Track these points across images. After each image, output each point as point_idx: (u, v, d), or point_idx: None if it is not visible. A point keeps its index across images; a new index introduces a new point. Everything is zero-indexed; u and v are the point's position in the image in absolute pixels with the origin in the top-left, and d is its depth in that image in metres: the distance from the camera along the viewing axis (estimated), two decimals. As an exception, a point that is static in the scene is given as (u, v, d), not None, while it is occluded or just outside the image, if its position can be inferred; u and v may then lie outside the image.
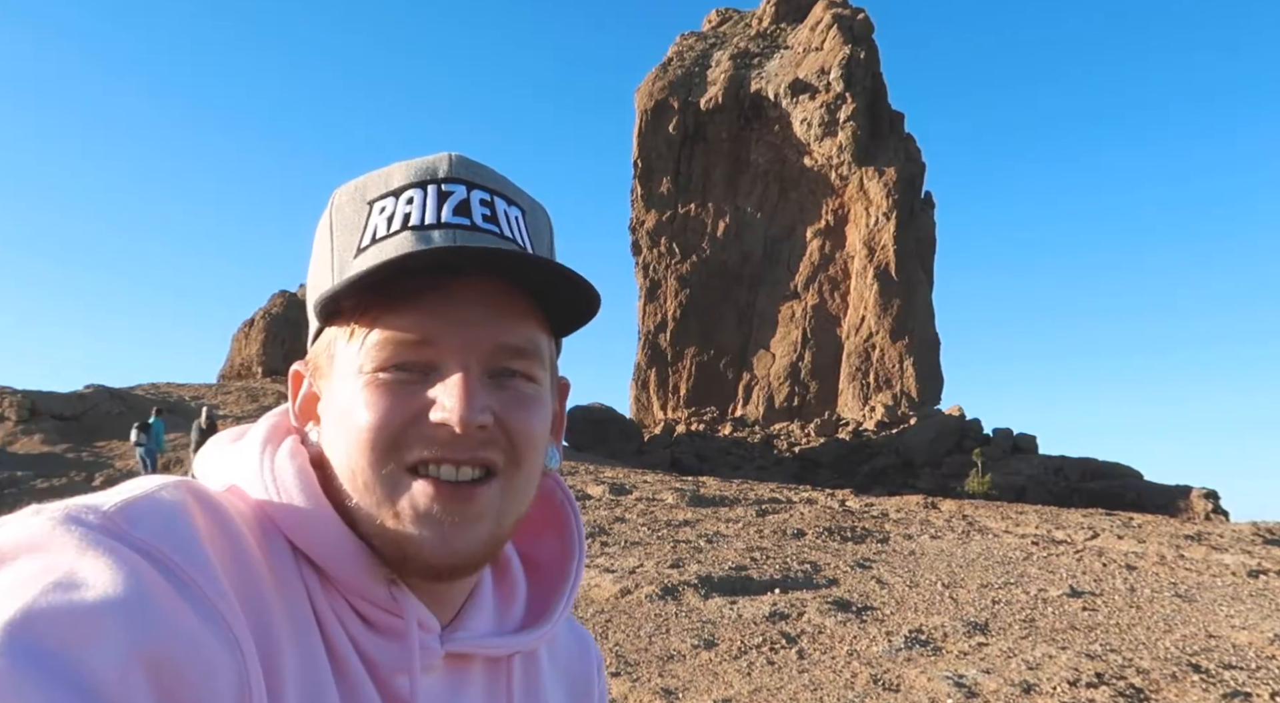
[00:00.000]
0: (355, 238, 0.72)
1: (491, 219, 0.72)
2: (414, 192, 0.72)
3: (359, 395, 0.68)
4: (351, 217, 0.73)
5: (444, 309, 0.69)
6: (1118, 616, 7.26)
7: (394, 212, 0.71)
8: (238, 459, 0.74)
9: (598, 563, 8.93)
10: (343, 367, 0.71)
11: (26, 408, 22.43)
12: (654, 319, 46.91)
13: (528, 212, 0.77)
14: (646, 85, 48.13)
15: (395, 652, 0.70)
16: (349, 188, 0.75)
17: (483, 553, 0.70)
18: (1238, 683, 5.30)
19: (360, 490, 0.68)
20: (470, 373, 0.68)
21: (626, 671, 5.55)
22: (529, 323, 0.72)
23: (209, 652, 0.55)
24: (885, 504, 16.50)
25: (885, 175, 40.85)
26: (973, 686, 5.21)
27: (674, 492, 16.10)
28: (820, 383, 42.03)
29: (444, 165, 0.73)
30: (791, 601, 7.57)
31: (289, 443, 0.74)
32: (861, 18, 45.43)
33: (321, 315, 0.73)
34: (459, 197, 0.72)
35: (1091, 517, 15.05)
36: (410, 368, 0.68)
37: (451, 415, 0.66)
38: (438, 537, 0.67)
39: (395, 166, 0.74)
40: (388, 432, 0.67)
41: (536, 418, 0.72)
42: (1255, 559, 10.20)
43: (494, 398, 0.69)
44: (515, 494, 0.71)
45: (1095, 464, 30.63)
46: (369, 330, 0.69)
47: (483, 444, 0.68)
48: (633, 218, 48.14)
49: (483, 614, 0.79)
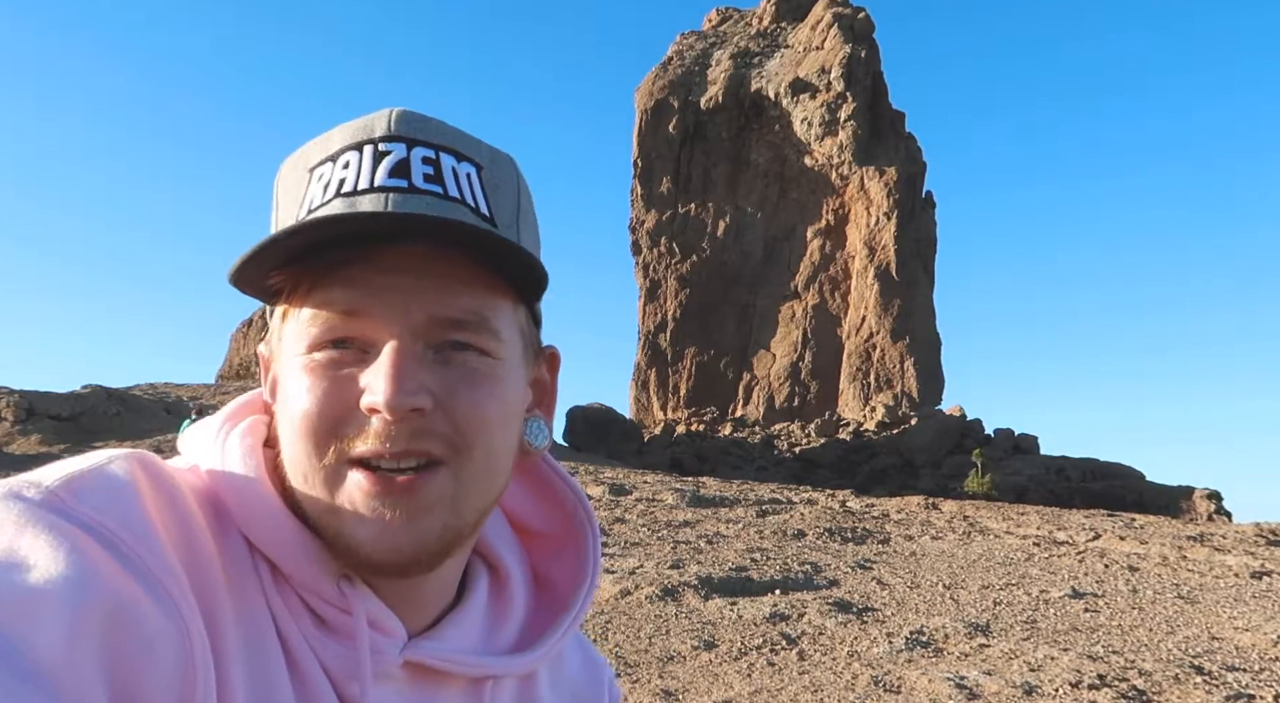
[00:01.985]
0: (295, 210, 0.67)
1: (434, 178, 0.65)
2: (350, 154, 0.65)
3: (296, 380, 0.64)
4: (293, 187, 0.68)
5: (371, 277, 0.63)
6: (1120, 617, 7.23)
7: (330, 178, 0.65)
8: (201, 435, 0.71)
9: (597, 564, 8.92)
10: (286, 349, 0.66)
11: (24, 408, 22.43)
12: (654, 319, 46.91)
13: (485, 166, 0.69)
14: (646, 85, 48.14)
15: (345, 654, 0.64)
16: (294, 157, 0.70)
17: (437, 548, 0.63)
18: (1241, 685, 5.27)
19: (302, 483, 0.63)
20: (403, 349, 0.62)
21: (626, 672, 5.52)
22: (474, 290, 0.65)
23: (152, 625, 0.52)
24: (886, 505, 16.48)
25: (886, 175, 40.86)
26: (974, 687, 5.18)
27: (674, 492, 16.07)
28: (821, 383, 42.04)
29: (382, 123, 0.66)
30: (792, 602, 7.54)
31: (248, 421, 0.70)
32: (862, 17, 45.44)
33: (260, 296, 0.67)
34: (397, 156, 0.65)
35: (1093, 518, 15.04)
36: (345, 346, 0.63)
37: (379, 399, 0.60)
38: (381, 533, 0.61)
39: (336, 129, 0.68)
40: (323, 420, 0.62)
41: (488, 397, 0.65)
42: (1258, 561, 10.18)
43: (435, 377, 0.63)
44: (472, 483, 0.64)
45: (1097, 465, 30.63)
46: (301, 307, 0.64)
47: (420, 433, 0.62)
48: (633, 218, 48.16)
49: (467, 628, 0.72)
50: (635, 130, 47.99)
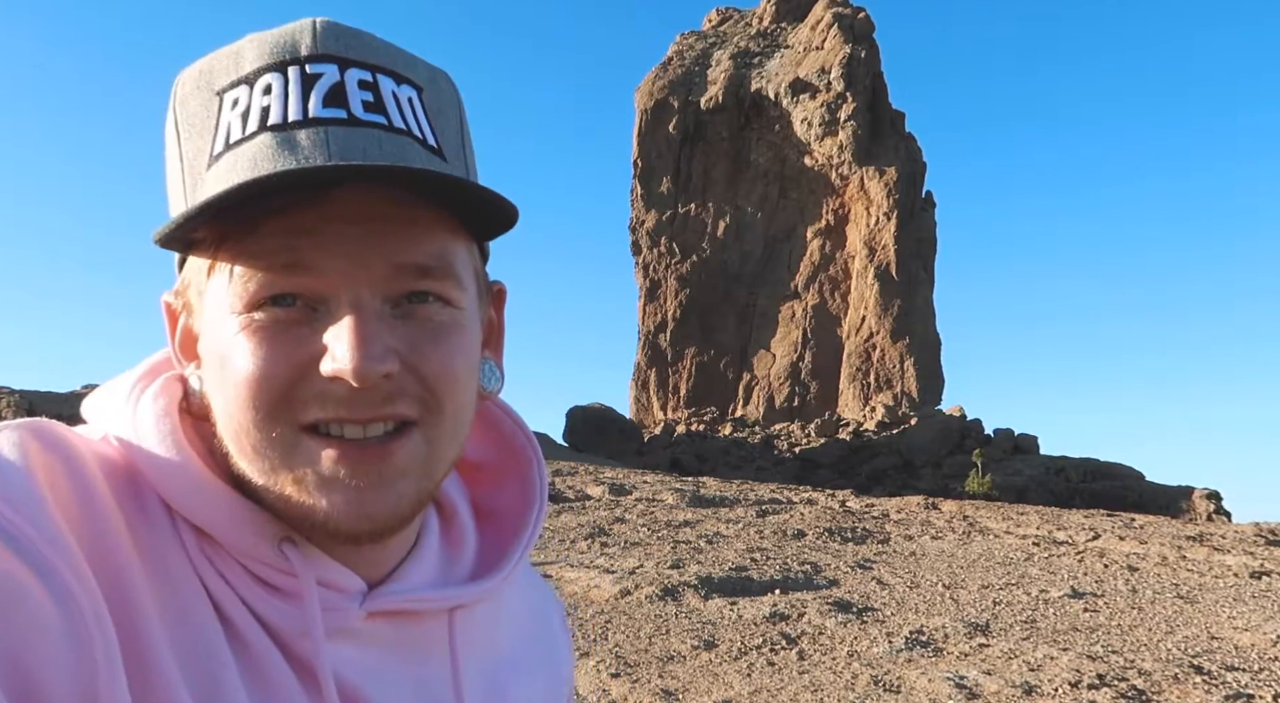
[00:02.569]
0: (206, 141, 0.59)
1: (376, 107, 0.58)
2: (271, 77, 0.57)
3: (234, 342, 0.57)
4: (199, 112, 0.59)
5: (318, 226, 0.56)
6: (1119, 617, 7.23)
7: (249, 105, 0.57)
8: (109, 400, 0.65)
9: (597, 564, 8.91)
10: (213, 306, 0.59)
11: (24, 408, 22.44)
12: (654, 319, 46.91)
13: (425, 88, 0.63)
14: (646, 85, 48.14)
15: (296, 616, 0.60)
16: (192, 73, 0.61)
17: (409, 512, 0.60)
18: (1240, 685, 5.27)
19: (249, 454, 0.58)
20: (363, 308, 0.56)
21: (626, 672, 5.52)
22: (435, 233, 0.59)
23: (36, 601, 0.47)
24: (886, 505, 16.48)
25: (886, 175, 40.86)
26: (974, 687, 5.18)
27: (674, 492, 16.07)
28: (821, 383, 42.04)
29: (306, 38, 0.58)
30: (792, 601, 7.54)
31: (159, 382, 0.64)
32: (862, 17, 45.45)
33: (175, 247, 0.61)
34: (330, 80, 0.57)
35: (1093, 517, 15.04)
36: (289, 302, 0.57)
37: (344, 366, 0.55)
38: (350, 503, 0.57)
39: (246, 42, 0.59)
40: (272, 388, 0.56)
41: (456, 351, 0.60)
42: (1258, 560, 10.18)
43: (398, 335, 0.58)
44: (443, 440, 0.61)
45: (1097, 465, 30.62)
46: (233, 261, 0.57)
47: (390, 397, 0.57)
48: (633, 218, 48.15)
49: (423, 566, 0.69)
50: (635, 130, 47.98)
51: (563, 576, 8.24)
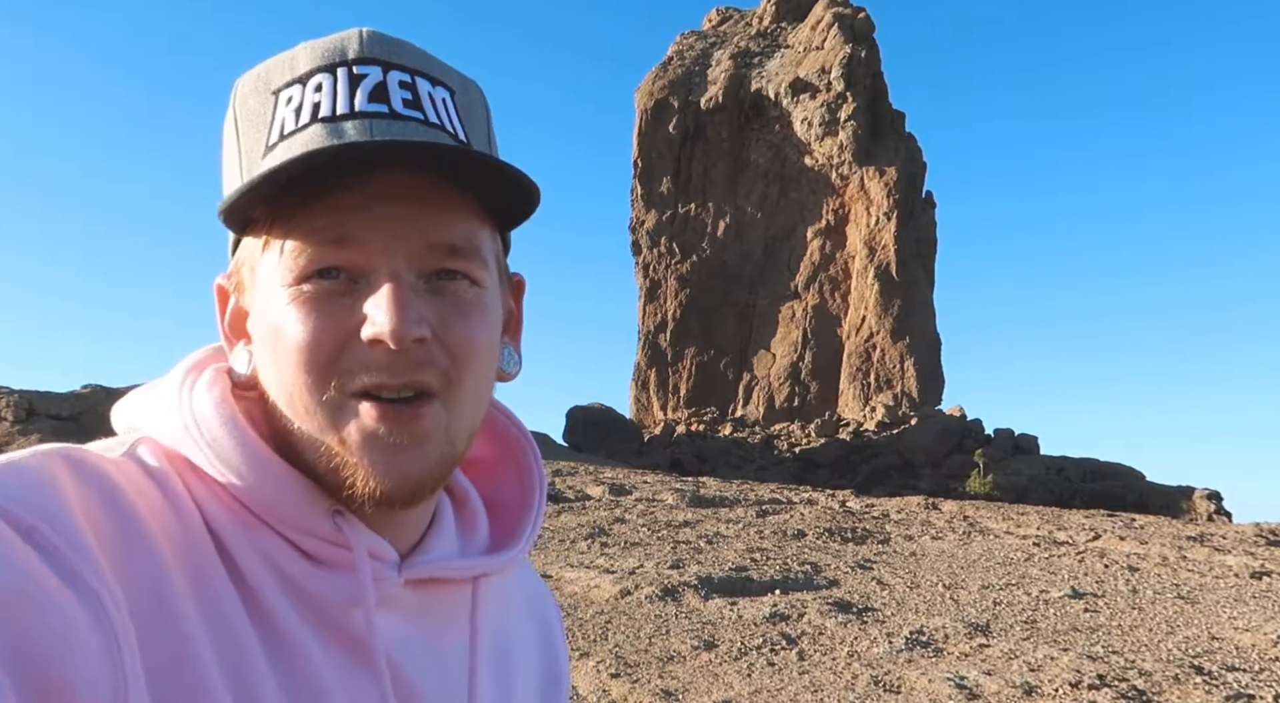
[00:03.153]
0: (263, 134, 0.65)
1: (414, 104, 0.65)
2: (322, 77, 0.64)
3: (285, 312, 0.62)
4: (256, 109, 0.66)
5: (363, 205, 0.62)
6: (1120, 617, 7.23)
7: (302, 101, 0.64)
8: (154, 401, 0.68)
9: (597, 564, 8.90)
10: (265, 280, 0.64)
11: (23, 408, 22.42)
12: (654, 319, 46.91)
13: (458, 91, 0.69)
14: (646, 85, 48.14)
15: (345, 586, 0.64)
16: (251, 77, 0.68)
17: (437, 474, 0.64)
18: (1241, 685, 5.27)
19: (301, 416, 0.63)
20: (401, 279, 0.62)
21: (626, 672, 5.52)
22: (465, 217, 0.65)
23: (70, 614, 0.50)
24: (886, 505, 16.48)
25: (886, 175, 40.86)
26: (974, 687, 5.18)
27: (674, 492, 16.07)
28: (821, 383, 42.03)
29: (354, 44, 0.65)
30: (792, 602, 7.54)
31: (209, 373, 0.68)
32: (862, 17, 45.44)
33: (233, 226, 0.66)
34: (374, 79, 0.64)
35: (1093, 518, 15.03)
36: (334, 275, 0.62)
37: (384, 329, 0.60)
38: (388, 460, 0.61)
39: (300, 48, 0.66)
40: (322, 352, 0.61)
41: (479, 326, 0.66)
42: (1258, 561, 10.18)
43: (430, 307, 0.63)
44: (463, 410, 0.65)
45: (1097, 465, 30.62)
46: (285, 238, 0.63)
47: (418, 365, 0.62)
48: (633, 218, 48.16)
49: (445, 538, 0.74)
50: (635, 130, 47.98)
51: (563, 576, 8.24)
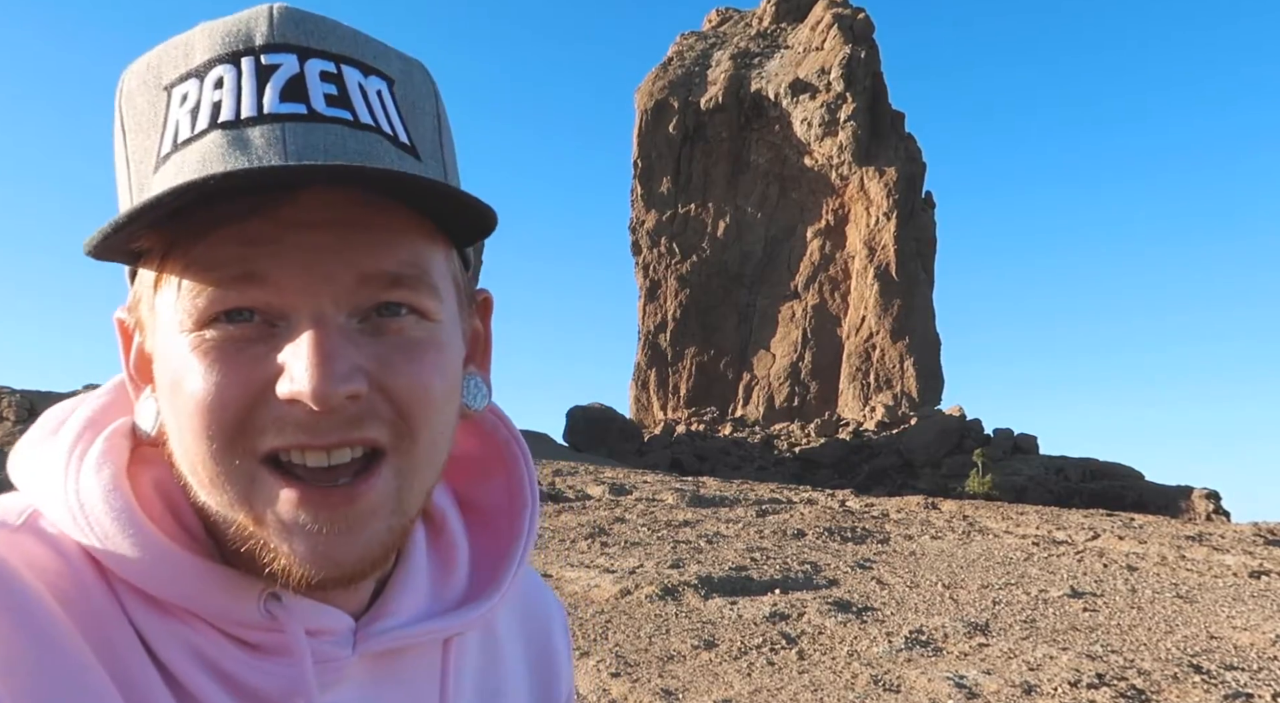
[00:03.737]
0: (154, 141, 0.53)
1: (339, 100, 0.52)
2: (223, 69, 0.51)
3: (185, 363, 0.51)
4: (145, 111, 0.54)
5: (274, 234, 0.50)
6: (1119, 616, 7.24)
7: (199, 100, 0.51)
8: (44, 469, 0.57)
9: (597, 563, 8.92)
10: (164, 323, 0.53)
11: (25, 408, 22.43)
12: (654, 319, 46.92)
13: (397, 80, 0.57)
14: (646, 85, 48.15)
15: (286, 675, 0.55)
16: (138, 68, 0.55)
17: (381, 555, 0.54)
18: (1239, 684, 5.28)
19: (208, 487, 0.52)
20: (325, 323, 0.50)
21: (626, 671, 5.53)
22: (407, 238, 0.54)
23: None
24: (885, 505, 16.49)
25: (885, 175, 40.88)
26: (973, 686, 5.19)
27: (674, 492, 16.08)
28: (820, 383, 42.05)
29: (262, 26, 0.52)
30: (792, 601, 7.55)
31: (101, 443, 0.57)
32: (862, 17, 45.45)
33: (119, 258, 0.55)
34: (288, 71, 0.51)
35: (1092, 517, 15.05)
36: (245, 317, 0.51)
37: (304, 388, 0.49)
38: (312, 553, 0.51)
39: (197, 31, 0.53)
40: (227, 415, 0.50)
41: (431, 368, 0.54)
42: (1257, 560, 10.19)
43: (366, 351, 0.52)
44: (416, 472, 0.55)
45: (1096, 465, 30.65)
46: (181, 274, 0.51)
47: (356, 420, 0.51)
48: (633, 218, 48.18)
49: (412, 592, 0.63)
50: (635, 130, 48.00)
51: (563, 575, 8.25)
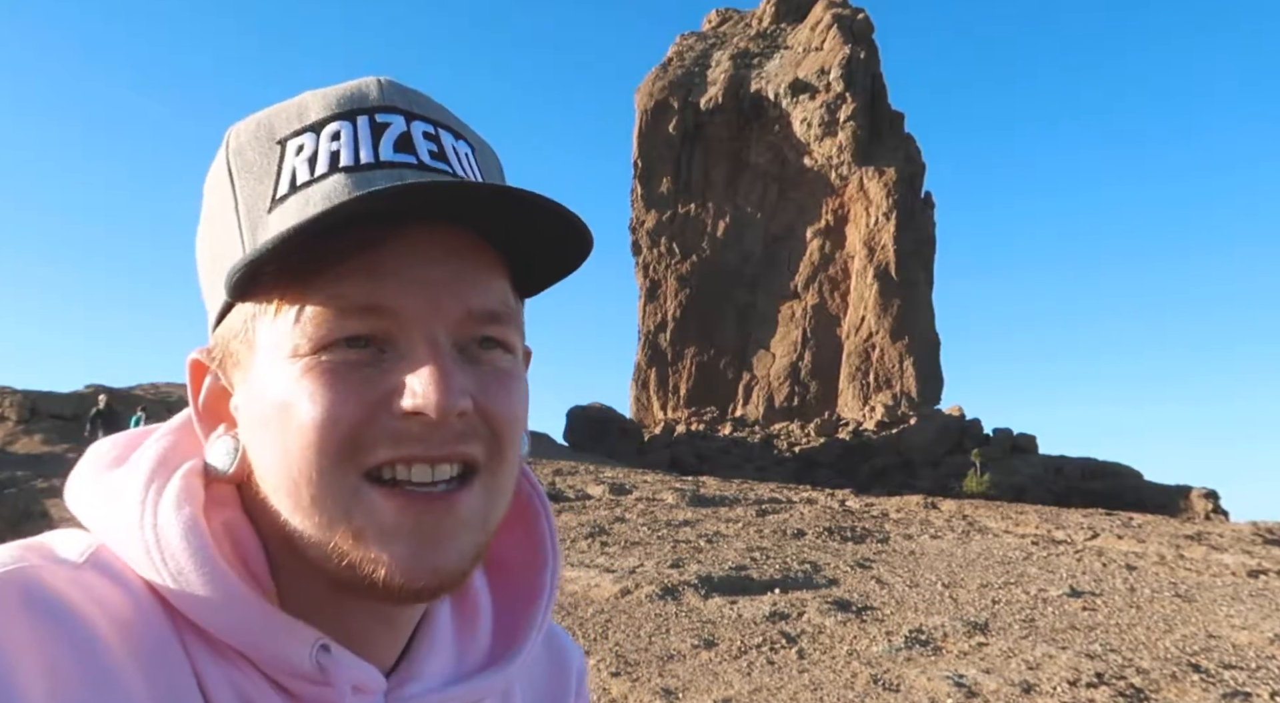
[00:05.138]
0: (267, 186, 0.57)
1: (440, 156, 0.59)
2: (340, 125, 0.58)
3: (297, 386, 0.54)
4: (257, 161, 0.59)
5: (397, 268, 0.55)
6: (1118, 615, 7.26)
7: (316, 151, 0.57)
8: (113, 504, 0.59)
9: (598, 563, 8.93)
10: (268, 351, 0.56)
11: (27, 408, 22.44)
12: (654, 319, 46.92)
13: (477, 148, 0.64)
14: (646, 85, 48.14)
15: None
16: (248, 125, 0.61)
17: (469, 567, 0.57)
18: (1238, 683, 5.29)
19: (305, 507, 0.54)
20: (440, 347, 0.55)
21: (626, 671, 5.55)
22: (502, 280, 0.60)
23: None
24: (885, 504, 16.50)
25: (885, 175, 40.88)
26: (973, 686, 5.21)
27: (674, 492, 16.09)
28: (820, 383, 42.05)
29: (374, 91, 0.59)
30: (791, 600, 7.56)
31: (178, 482, 0.58)
32: (861, 18, 45.45)
33: (235, 291, 0.56)
34: (398, 129, 0.58)
35: (1091, 517, 15.05)
36: (360, 344, 0.55)
37: (427, 401, 0.53)
38: (413, 557, 0.54)
39: (309, 96, 0.60)
40: (342, 429, 0.53)
41: (518, 398, 0.60)
42: (1255, 559, 10.20)
43: (470, 377, 0.56)
44: (500, 492, 0.59)
45: (1095, 464, 30.67)
46: (300, 302, 0.55)
47: (462, 436, 0.55)
48: (633, 218, 48.17)
49: (439, 652, 0.65)
50: (635, 130, 48.00)
51: (563, 575, 8.27)
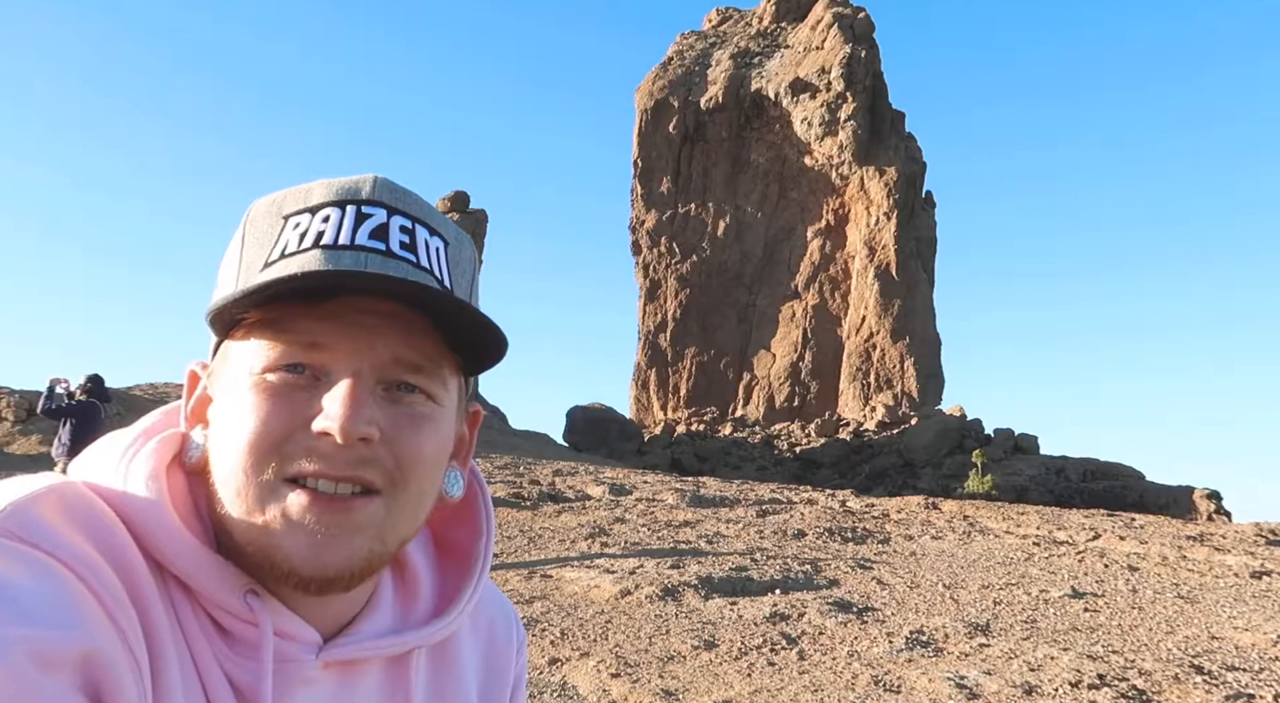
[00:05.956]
0: (265, 252, 0.70)
1: (409, 247, 0.70)
2: (332, 210, 0.70)
3: (245, 397, 0.66)
4: (265, 230, 0.71)
5: (341, 314, 0.67)
6: (1120, 617, 7.23)
7: (308, 228, 0.69)
8: (103, 455, 0.72)
9: (598, 563, 8.91)
10: (234, 368, 0.69)
11: (24, 408, 22.42)
12: (654, 319, 46.90)
13: (451, 244, 0.75)
14: (646, 85, 48.13)
15: (251, 666, 0.67)
16: (266, 201, 0.74)
17: (360, 569, 0.66)
18: (1241, 685, 5.27)
19: (232, 497, 0.65)
20: (360, 380, 0.66)
21: (627, 672, 5.52)
22: (430, 341, 0.70)
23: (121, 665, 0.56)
24: (886, 505, 16.48)
25: (886, 175, 40.85)
26: (974, 687, 5.18)
27: (674, 492, 16.08)
28: (821, 383, 42.03)
29: (367, 186, 0.71)
30: (792, 601, 7.54)
31: (154, 443, 0.71)
32: (862, 17, 45.42)
33: (218, 328, 0.70)
34: (377, 220, 0.70)
35: (1093, 517, 15.04)
36: (299, 370, 0.66)
37: (334, 424, 0.64)
38: (308, 547, 0.64)
39: (317, 183, 0.73)
40: (269, 437, 0.65)
41: (430, 438, 0.69)
42: (1258, 560, 10.18)
43: (384, 412, 0.67)
44: (401, 515, 0.68)
45: (1097, 465, 30.63)
46: (265, 337, 0.67)
47: (363, 462, 0.65)
48: (633, 218, 48.16)
49: (378, 618, 0.76)
50: (635, 130, 47.98)
51: (563, 575, 8.24)
